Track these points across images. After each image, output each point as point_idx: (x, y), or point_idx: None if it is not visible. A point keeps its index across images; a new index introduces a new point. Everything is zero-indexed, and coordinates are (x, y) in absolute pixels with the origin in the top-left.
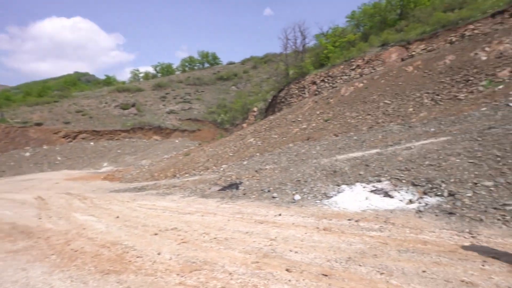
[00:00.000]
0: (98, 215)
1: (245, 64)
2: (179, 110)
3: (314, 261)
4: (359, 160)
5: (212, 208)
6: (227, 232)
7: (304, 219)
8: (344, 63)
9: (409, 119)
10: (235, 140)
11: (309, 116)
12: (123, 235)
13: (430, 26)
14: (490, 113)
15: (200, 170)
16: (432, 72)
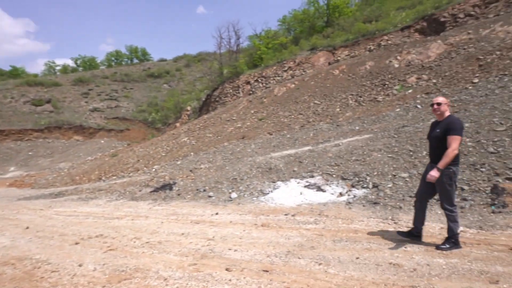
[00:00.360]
0: (1, 228)
1: (177, 61)
2: (105, 108)
3: (254, 257)
4: (292, 157)
5: (143, 211)
6: (161, 235)
7: (242, 217)
8: (277, 64)
9: (337, 118)
10: (168, 140)
11: (244, 115)
12: (33, 248)
13: (353, 35)
14: (403, 114)
15: (130, 171)
16: (355, 76)
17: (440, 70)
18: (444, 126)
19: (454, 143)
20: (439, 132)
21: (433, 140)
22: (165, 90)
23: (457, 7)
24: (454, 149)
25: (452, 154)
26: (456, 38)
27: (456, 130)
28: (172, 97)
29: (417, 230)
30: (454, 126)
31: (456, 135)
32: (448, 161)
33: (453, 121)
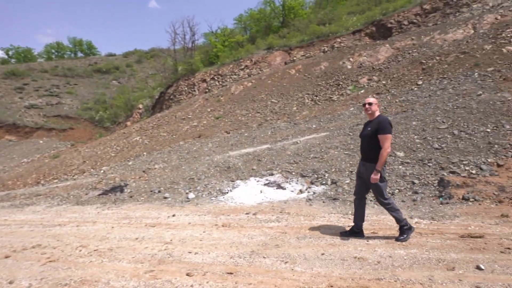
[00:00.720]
0: None
1: (128, 57)
2: (43, 104)
3: (216, 260)
4: (251, 156)
5: (90, 216)
6: (111, 241)
7: (201, 218)
8: (233, 62)
9: (294, 117)
10: (118, 139)
11: (200, 114)
12: None
13: (308, 36)
14: (357, 113)
15: (74, 174)
16: (310, 76)
17: (388, 72)
18: (375, 125)
19: (386, 142)
20: (370, 131)
21: (364, 138)
22: (114, 86)
23: (402, 15)
24: (386, 148)
25: (386, 153)
26: (401, 43)
27: (386, 129)
28: (122, 94)
29: (357, 226)
30: (384, 125)
31: (387, 133)
32: (383, 161)
33: (382, 120)
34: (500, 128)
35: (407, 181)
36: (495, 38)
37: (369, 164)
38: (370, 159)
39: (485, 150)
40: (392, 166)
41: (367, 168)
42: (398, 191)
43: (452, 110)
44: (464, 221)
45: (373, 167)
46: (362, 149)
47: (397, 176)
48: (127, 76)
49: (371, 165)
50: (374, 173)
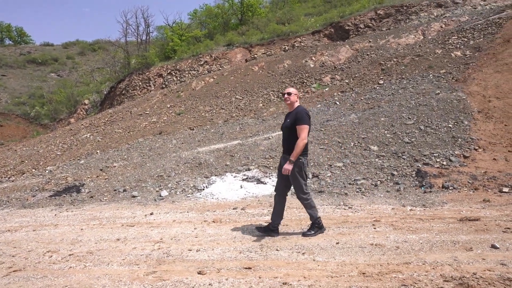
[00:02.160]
0: None
1: (68, 48)
2: None
3: (225, 256)
4: (222, 152)
5: (47, 219)
6: (87, 244)
7: (184, 215)
8: (192, 58)
9: (261, 113)
10: (64, 136)
11: (159, 110)
12: None
13: (268, 34)
14: (325, 109)
15: (10, 175)
16: (274, 73)
17: (350, 72)
18: (293, 116)
19: (303, 133)
20: (289, 122)
21: (285, 130)
22: (53, 80)
23: (358, 18)
24: (303, 138)
25: (302, 143)
26: (360, 45)
27: (303, 120)
28: (64, 89)
29: (274, 224)
30: (301, 115)
31: (303, 124)
32: (299, 151)
33: (299, 111)
34: (460, 123)
35: (386, 173)
36: (444, 43)
37: (289, 157)
38: (289, 151)
39: (451, 144)
40: (368, 159)
41: (289, 160)
42: (380, 183)
43: (415, 107)
44: (454, 207)
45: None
46: (283, 142)
47: (375, 168)
48: (68, 69)
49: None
50: (287, 163)
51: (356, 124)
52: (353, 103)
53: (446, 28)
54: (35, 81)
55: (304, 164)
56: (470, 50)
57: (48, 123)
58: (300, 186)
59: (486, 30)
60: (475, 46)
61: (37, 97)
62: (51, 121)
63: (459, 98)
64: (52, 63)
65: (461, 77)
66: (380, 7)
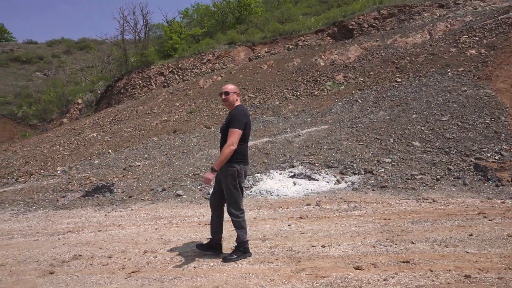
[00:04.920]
0: None
1: (53, 46)
2: None
3: (360, 250)
4: (254, 149)
5: (102, 220)
6: (179, 243)
7: (259, 212)
8: (194, 56)
9: (280, 111)
10: (68, 136)
11: (167, 108)
12: None
13: (270, 33)
14: (348, 107)
15: (17, 176)
16: (284, 71)
17: (363, 70)
18: (228, 118)
19: (231, 138)
20: (224, 124)
21: (221, 133)
22: (39, 79)
23: (361, 18)
24: (229, 144)
25: (228, 150)
26: (368, 44)
27: (235, 123)
28: (53, 88)
29: (215, 241)
30: (235, 118)
31: (235, 127)
32: (223, 159)
33: (235, 112)
34: (497, 119)
35: (441, 168)
36: (456, 42)
37: (228, 163)
38: None
39: (495, 139)
40: (415, 155)
41: (221, 168)
42: (440, 177)
43: (445, 104)
44: None
45: (227, 166)
46: (220, 145)
47: (428, 163)
48: (55, 68)
49: (226, 164)
50: (208, 171)
51: (388, 121)
52: (375, 101)
53: (452, 28)
54: (20, 80)
55: (239, 173)
56: (485, 49)
57: (37, 123)
58: (233, 200)
59: (497, 29)
60: (489, 45)
61: (23, 96)
62: (41, 122)
63: (488, 95)
64: (37, 62)
65: (483, 75)
66: (383, 7)
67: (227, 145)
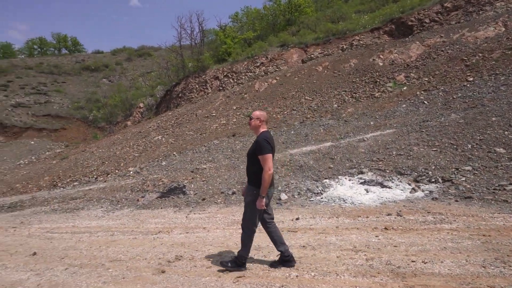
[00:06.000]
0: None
1: (116, 55)
2: (31, 103)
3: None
4: (318, 154)
5: (183, 221)
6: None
7: (338, 221)
8: (248, 59)
9: (339, 114)
10: (136, 138)
11: (225, 111)
12: (99, 284)
13: (323, 33)
14: (414, 109)
15: (96, 175)
16: (341, 73)
17: (427, 69)
18: (254, 144)
19: (266, 164)
20: (250, 149)
21: (247, 157)
22: (105, 85)
23: (422, 13)
24: (267, 170)
25: (267, 175)
26: (431, 40)
27: (263, 149)
28: (118, 93)
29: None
30: (260, 145)
31: (264, 153)
32: (266, 185)
33: (259, 140)
34: None
35: None
36: None
37: (249, 187)
38: (250, 180)
39: None
40: (501, 162)
41: (247, 190)
42: None
43: None
44: None
45: (252, 190)
46: (246, 169)
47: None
48: (118, 74)
49: (251, 187)
50: (259, 199)
51: (463, 125)
52: (445, 102)
53: None
54: (90, 87)
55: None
56: None
57: (104, 125)
58: (251, 218)
59: None
60: None
61: (93, 101)
62: (108, 124)
63: None
64: (104, 69)
65: None
66: (446, 0)
67: (264, 171)
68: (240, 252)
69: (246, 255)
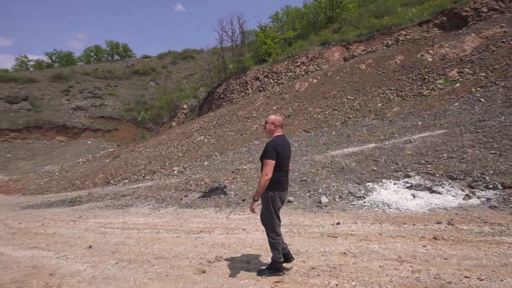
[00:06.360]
0: (48, 247)
1: (162, 59)
2: (88, 106)
3: None
4: (361, 156)
5: (224, 222)
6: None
7: (381, 228)
8: (288, 59)
9: (384, 113)
10: (180, 139)
11: (265, 112)
12: (145, 279)
13: (366, 30)
14: (468, 108)
15: (144, 174)
16: (385, 70)
17: (484, 64)
18: (263, 149)
19: (265, 168)
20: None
21: (260, 161)
22: (152, 88)
23: (478, 2)
24: (264, 175)
25: (263, 180)
26: (489, 32)
27: (267, 154)
28: (163, 95)
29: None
30: (266, 149)
31: (266, 159)
32: (260, 190)
33: (267, 144)
34: None
35: None
36: None
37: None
38: None
39: None
40: None
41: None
42: None
43: None
44: None
45: (264, 193)
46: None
47: None
48: (164, 77)
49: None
50: (252, 202)
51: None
52: (506, 100)
53: None
54: (138, 90)
55: (273, 199)
56: None
57: (151, 126)
58: (268, 223)
59: None
60: None
61: (141, 103)
62: (154, 125)
63: None
64: (151, 73)
65: None
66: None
67: (262, 175)
68: (272, 258)
69: (278, 258)
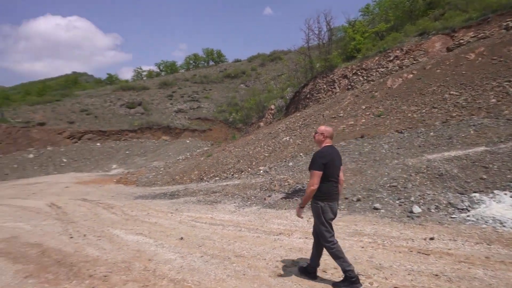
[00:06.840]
0: (150, 234)
1: (252, 61)
2: (188, 109)
3: None
4: (466, 161)
5: (308, 226)
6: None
7: (491, 250)
8: (379, 54)
9: (499, 111)
10: (266, 139)
11: (353, 112)
12: (224, 276)
13: (477, 12)
14: None
15: (233, 172)
16: (503, 58)
17: None
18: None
19: (311, 179)
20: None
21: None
22: (242, 90)
23: None
24: (310, 185)
25: (309, 190)
26: None
27: (313, 165)
28: (252, 97)
29: (311, 267)
30: (313, 160)
31: (313, 169)
32: (306, 198)
33: (314, 154)
34: None
35: None
36: None
37: (313, 200)
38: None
39: None
40: None
41: (311, 205)
42: None
43: None
44: None
45: (313, 203)
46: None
47: None
48: (253, 79)
49: (313, 200)
50: (298, 208)
51: None
52: None
53: None
54: (230, 92)
55: (323, 210)
56: None
57: (241, 126)
58: (320, 233)
59: None
60: None
61: (232, 105)
62: (244, 125)
63: None
64: (241, 76)
65: None
66: None
67: (308, 185)
68: (341, 268)
69: (347, 267)
